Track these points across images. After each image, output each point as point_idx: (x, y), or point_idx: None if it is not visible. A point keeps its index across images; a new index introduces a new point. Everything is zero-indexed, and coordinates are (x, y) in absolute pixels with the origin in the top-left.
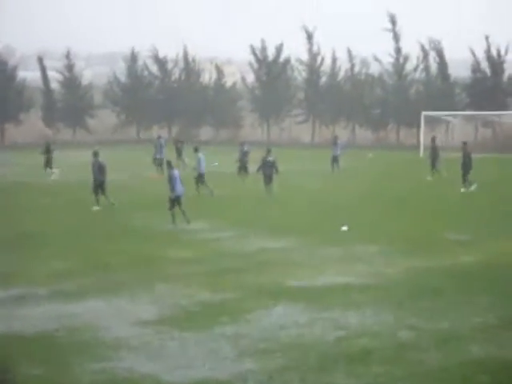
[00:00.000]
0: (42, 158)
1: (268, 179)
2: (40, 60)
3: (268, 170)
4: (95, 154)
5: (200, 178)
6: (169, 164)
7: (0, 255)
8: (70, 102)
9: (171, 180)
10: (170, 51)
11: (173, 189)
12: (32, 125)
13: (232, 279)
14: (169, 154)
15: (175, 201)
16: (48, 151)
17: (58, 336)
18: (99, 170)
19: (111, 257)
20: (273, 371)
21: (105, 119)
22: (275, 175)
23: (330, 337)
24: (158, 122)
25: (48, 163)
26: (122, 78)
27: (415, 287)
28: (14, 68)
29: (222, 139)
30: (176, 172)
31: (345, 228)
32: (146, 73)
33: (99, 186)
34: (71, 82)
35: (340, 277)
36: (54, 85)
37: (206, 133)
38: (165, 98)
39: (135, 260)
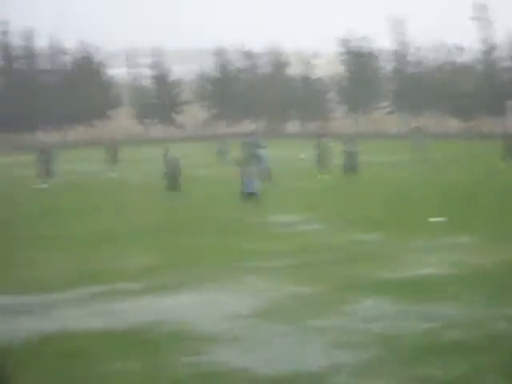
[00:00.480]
0: (107, 155)
1: (350, 170)
2: (129, 57)
3: (349, 160)
4: (166, 150)
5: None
6: (246, 161)
7: (91, 251)
8: (159, 98)
9: (246, 176)
10: (258, 45)
11: (247, 185)
12: (121, 121)
13: (322, 272)
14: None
15: (250, 196)
16: (112, 149)
17: (152, 330)
18: (172, 165)
19: (201, 250)
20: (364, 363)
21: (194, 114)
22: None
23: (420, 328)
24: (247, 115)
25: (112, 160)
26: (211, 73)
27: (510, 278)
28: (102, 65)
29: (310, 132)
30: (252, 168)
31: (440, 219)
32: (234, 67)
33: (173, 181)
34: (160, 78)
35: (431, 268)
36: (144, 81)
37: (293, 125)
38: (252, 91)
39: (225, 253)
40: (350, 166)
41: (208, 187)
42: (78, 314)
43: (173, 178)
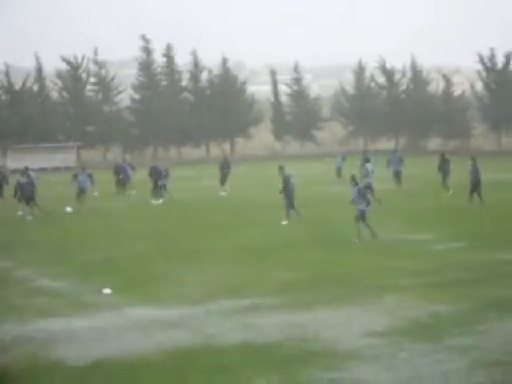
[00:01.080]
0: (220, 174)
1: (474, 188)
2: (272, 74)
3: (473, 178)
4: (281, 169)
5: (368, 188)
6: (353, 179)
7: (228, 267)
8: (298, 114)
9: (358, 194)
10: (398, 61)
11: (357, 203)
12: (261, 138)
13: (461, 291)
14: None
15: (362, 214)
16: (226, 167)
17: (288, 345)
18: (286, 183)
19: (336, 268)
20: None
21: (332, 131)
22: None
23: None
24: (386, 132)
25: (223, 180)
26: (349, 90)
27: None
28: (244, 82)
29: (451, 149)
30: (359, 187)
31: None
32: (373, 84)
33: (289, 199)
34: (299, 94)
35: None
36: (283, 98)
37: (434, 143)
38: (392, 108)
39: (361, 271)
40: (473, 184)
41: (324, 203)
42: (218, 328)
43: (287, 195)
